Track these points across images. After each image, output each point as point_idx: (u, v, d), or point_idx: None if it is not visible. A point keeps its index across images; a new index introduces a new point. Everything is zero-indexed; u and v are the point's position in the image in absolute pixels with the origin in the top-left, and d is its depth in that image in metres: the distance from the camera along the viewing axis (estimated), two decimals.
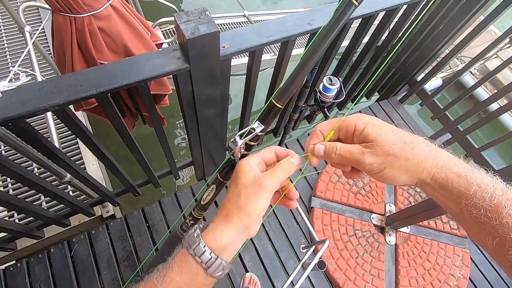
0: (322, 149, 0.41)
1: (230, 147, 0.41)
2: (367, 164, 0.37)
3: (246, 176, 0.40)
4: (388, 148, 0.36)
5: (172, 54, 0.90)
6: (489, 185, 0.33)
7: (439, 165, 0.36)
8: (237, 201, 0.39)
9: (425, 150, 0.36)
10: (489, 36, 4.34)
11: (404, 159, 0.36)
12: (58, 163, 1.04)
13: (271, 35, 0.99)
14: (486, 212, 0.32)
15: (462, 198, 0.34)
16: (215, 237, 0.39)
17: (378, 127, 0.38)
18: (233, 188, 0.40)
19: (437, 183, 0.36)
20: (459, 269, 1.67)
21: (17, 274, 1.41)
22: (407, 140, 0.37)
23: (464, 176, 0.34)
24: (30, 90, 0.74)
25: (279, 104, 0.41)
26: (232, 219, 0.39)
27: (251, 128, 0.42)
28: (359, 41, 1.37)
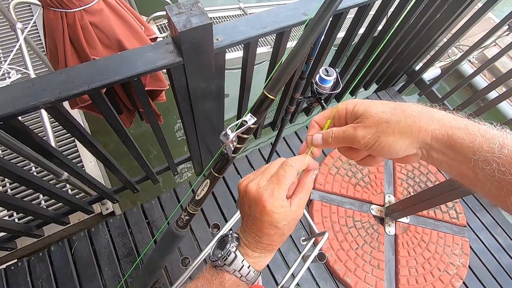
0: (320, 137, 0.41)
1: (221, 140, 0.40)
2: (361, 137, 0.36)
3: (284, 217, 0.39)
4: (378, 117, 0.35)
5: (165, 48, 0.88)
6: (495, 135, 0.30)
7: (435, 121, 0.33)
8: (282, 239, 0.42)
9: (416, 110, 0.35)
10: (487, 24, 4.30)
11: (396, 122, 0.34)
12: (54, 162, 1.04)
13: (265, 26, 0.97)
14: (498, 166, 0.29)
15: (470, 153, 0.31)
16: (263, 264, 0.44)
17: (366, 102, 0.38)
18: (274, 231, 0.40)
19: (439, 142, 0.33)
20: (458, 258, 1.68)
21: (18, 273, 1.41)
22: (396, 106, 0.36)
23: (464, 128, 0.32)
24: (21, 88, 0.73)
25: (271, 95, 0.40)
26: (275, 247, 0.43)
27: (243, 121, 0.41)
28: (355, 31, 1.35)
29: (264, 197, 0.38)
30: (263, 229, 0.40)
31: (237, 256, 0.41)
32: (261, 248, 0.42)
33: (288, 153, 1.96)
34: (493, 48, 4.23)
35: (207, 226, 1.65)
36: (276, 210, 0.38)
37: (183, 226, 0.54)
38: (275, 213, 0.38)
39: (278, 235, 0.41)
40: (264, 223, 0.39)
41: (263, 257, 0.43)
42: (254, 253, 0.42)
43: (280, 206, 0.38)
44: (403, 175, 1.92)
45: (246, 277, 0.42)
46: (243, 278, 0.42)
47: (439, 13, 1.64)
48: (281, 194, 0.38)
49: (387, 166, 1.95)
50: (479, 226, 1.84)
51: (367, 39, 1.49)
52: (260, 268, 0.43)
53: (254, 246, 0.42)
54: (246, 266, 0.41)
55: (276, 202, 0.38)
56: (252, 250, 0.42)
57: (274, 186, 0.38)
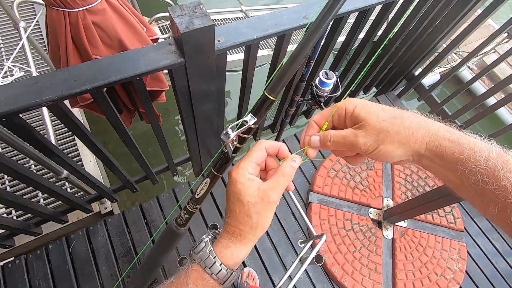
0: (318, 139, 0.42)
1: (222, 140, 0.41)
2: (361, 144, 0.37)
3: (249, 192, 0.39)
4: (379, 125, 0.37)
5: (167, 48, 0.89)
6: (483, 148, 0.33)
7: (431, 134, 0.36)
8: (248, 221, 0.39)
9: (414, 122, 0.36)
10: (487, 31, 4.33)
11: (396, 133, 0.36)
12: (54, 160, 1.04)
13: (267, 29, 0.98)
14: (483, 176, 0.32)
15: (458, 164, 0.33)
16: (231, 256, 0.40)
17: (367, 107, 0.39)
18: (239, 206, 0.39)
19: (431, 153, 0.36)
20: (455, 262, 1.69)
21: (16, 271, 1.41)
22: (396, 115, 0.37)
23: (456, 141, 0.34)
24: (24, 85, 0.73)
25: (271, 96, 0.41)
26: (246, 237, 0.40)
27: (243, 121, 0.42)
28: (355, 36, 1.36)
29: (233, 168, 0.41)
30: (230, 204, 0.40)
31: (205, 245, 0.41)
32: (228, 233, 0.41)
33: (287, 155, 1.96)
34: (493, 55, 4.26)
35: (205, 226, 1.66)
36: (239, 179, 0.39)
37: (183, 224, 0.54)
38: (238, 181, 0.39)
39: (243, 215, 0.39)
40: (231, 195, 0.40)
41: (231, 246, 0.40)
42: (223, 241, 0.41)
43: (245, 176, 0.39)
44: (402, 179, 1.93)
45: (211, 269, 0.39)
46: (208, 270, 0.39)
47: (439, 19, 1.66)
48: (246, 165, 0.40)
49: (385, 170, 1.96)
50: (476, 231, 1.84)
51: (367, 44, 1.50)
52: (229, 263, 0.40)
53: (224, 232, 0.41)
54: (212, 256, 0.40)
55: (240, 171, 0.39)
56: (222, 238, 0.41)
57: (241, 160, 0.41)
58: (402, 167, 1.98)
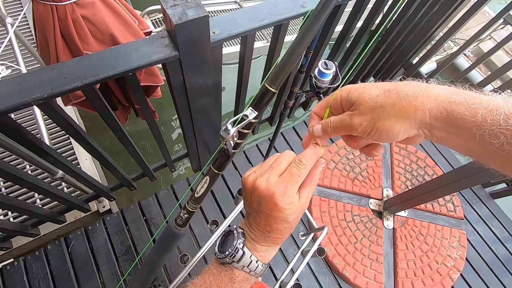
0: (320, 128, 0.40)
1: (221, 136, 0.39)
2: (358, 125, 0.35)
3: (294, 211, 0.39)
4: (372, 102, 0.34)
5: (160, 41, 0.86)
6: (499, 105, 0.27)
7: (432, 99, 0.31)
8: (290, 230, 0.42)
9: (411, 90, 0.32)
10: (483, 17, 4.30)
11: (391, 106, 0.33)
12: (48, 160, 1.01)
13: (262, 19, 0.95)
14: (507, 138, 0.27)
15: (474, 129, 0.28)
16: (270, 256, 0.44)
17: (359, 88, 0.36)
18: (284, 225, 0.40)
19: (438, 121, 0.31)
20: (456, 250, 1.70)
21: (15, 273, 1.40)
22: (390, 87, 0.34)
23: (464, 102, 0.29)
24: (11, 84, 0.70)
25: (272, 88, 0.39)
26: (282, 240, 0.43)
27: (243, 115, 0.40)
28: (353, 24, 1.33)
29: (276, 195, 0.37)
30: (273, 224, 0.40)
31: (245, 252, 0.41)
32: (270, 242, 0.43)
33: (286, 148, 1.95)
34: (488, 42, 4.24)
35: (205, 222, 1.64)
36: (287, 207, 0.38)
37: (182, 225, 0.53)
38: (287, 209, 0.38)
39: (288, 229, 0.41)
40: (275, 219, 0.39)
41: (271, 250, 0.44)
42: (262, 247, 0.43)
43: (291, 202, 0.38)
44: (401, 169, 1.93)
45: (254, 271, 0.42)
46: (252, 273, 0.42)
47: (436, 6, 1.63)
48: (293, 192, 0.38)
49: (385, 160, 1.95)
50: (476, 218, 1.85)
51: (365, 33, 1.47)
52: (267, 261, 0.44)
53: (262, 240, 0.42)
54: (254, 261, 0.42)
55: (288, 200, 0.38)
56: (260, 245, 0.42)
57: (286, 185, 0.38)
58: (401, 157, 1.97)
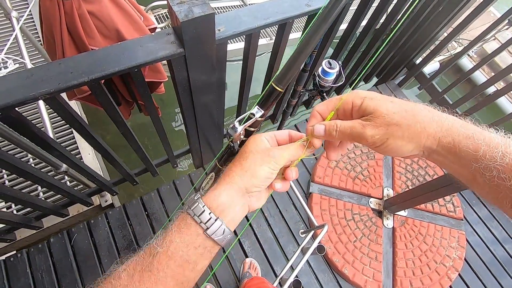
0: (322, 128, 0.40)
1: (229, 133, 0.39)
2: (369, 136, 0.36)
3: (256, 145, 0.41)
4: (389, 118, 0.35)
5: (166, 38, 0.86)
6: (499, 143, 0.31)
7: (444, 129, 0.34)
8: (242, 163, 0.40)
9: (427, 116, 0.34)
10: (487, 18, 4.28)
11: (407, 127, 0.34)
12: (53, 153, 1.02)
13: (267, 17, 0.96)
14: (499, 173, 0.30)
15: (472, 161, 0.32)
16: (214, 196, 0.38)
17: (376, 99, 0.37)
18: (241, 154, 0.41)
19: (444, 149, 0.34)
20: (454, 250, 1.71)
21: (18, 264, 1.41)
22: (408, 108, 0.35)
23: (471, 137, 0.32)
24: (18, 78, 0.71)
25: (279, 87, 0.40)
26: (233, 178, 0.39)
27: (250, 113, 0.41)
28: (357, 23, 1.33)
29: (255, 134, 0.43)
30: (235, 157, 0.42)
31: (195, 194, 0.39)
32: (220, 178, 0.40)
33: None
34: (492, 42, 4.22)
35: None
36: (255, 136, 0.42)
37: None
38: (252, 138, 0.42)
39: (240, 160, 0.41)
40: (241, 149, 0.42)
41: (217, 188, 0.39)
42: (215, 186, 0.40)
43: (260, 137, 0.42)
44: (402, 169, 1.93)
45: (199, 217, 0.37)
46: (190, 211, 0.37)
47: (441, 6, 1.62)
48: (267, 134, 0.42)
49: (386, 160, 1.96)
50: (475, 219, 1.86)
51: (369, 32, 1.47)
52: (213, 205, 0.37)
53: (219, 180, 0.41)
54: (195, 198, 0.38)
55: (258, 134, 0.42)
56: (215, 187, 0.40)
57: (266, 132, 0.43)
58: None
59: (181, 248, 0.36)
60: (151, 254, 0.36)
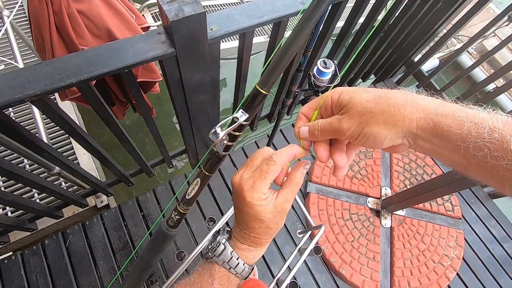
0: (306, 130, 0.40)
1: (210, 139, 0.38)
2: (346, 129, 0.35)
3: (266, 210, 0.39)
4: (361, 107, 0.34)
5: (157, 38, 0.85)
6: (485, 118, 0.28)
7: (420, 109, 0.32)
8: (268, 232, 0.42)
9: (400, 98, 0.33)
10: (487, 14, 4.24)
11: (380, 112, 0.33)
12: (43, 156, 1.01)
13: (261, 15, 0.94)
14: (490, 151, 0.27)
15: (458, 141, 0.29)
16: (253, 257, 0.44)
17: (350, 92, 0.36)
18: (258, 224, 0.40)
19: (425, 131, 0.31)
20: (453, 250, 1.70)
21: (12, 266, 1.40)
22: (381, 94, 0.34)
23: (451, 114, 0.30)
24: (4, 80, 0.69)
25: (263, 90, 0.38)
26: (266, 243, 0.44)
27: (234, 117, 0.39)
28: (354, 21, 1.31)
29: (244, 189, 0.39)
30: (248, 221, 0.41)
31: (226, 247, 0.42)
32: (249, 241, 0.43)
33: (285, 145, 1.94)
34: (492, 39, 4.19)
35: (203, 219, 1.64)
36: (256, 203, 0.38)
37: (174, 226, 0.52)
38: (255, 205, 0.39)
39: (264, 228, 0.41)
40: (247, 214, 0.40)
41: (253, 250, 0.43)
42: (242, 245, 0.43)
43: (261, 199, 0.39)
44: (400, 168, 1.92)
45: (235, 269, 0.42)
46: (233, 271, 0.42)
47: (440, 3, 1.60)
48: (262, 188, 0.39)
49: (384, 159, 1.94)
50: (473, 218, 1.85)
51: (366, 29, 1.45)
52: (250, 262, 0.43)
53: (242, 238, 0.43)
54: (235, 257, 0.42)
55: (255, 195, 0.38)
56: (240, 242, 0.43)
57: (255, 180, 0.39)
58: (401, 155, 1.97)
59: None
60: None
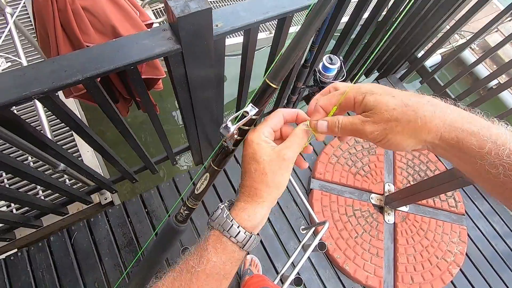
0: (325, 125, 0.40)
1: (221, 133, 0.38)
2: (368, 133, 0.35)
3: (265, 151, 0.39)
4: (388, 114, 0.34)
5: (162, 34, 0.85)
6: (507, 140, 0.30)
7: (447, 124, 0.32)
8: (263, 178, 0.39)
9: (429, 111, 0.33)
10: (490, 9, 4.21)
11: (406, 122, 0.33)
12: (49, 153, 1.01)
13: (266, 11, 0.93)
14: (505, 170, 0.29)
15: (476, 157, 0.31)
16: (248, 217, 0.40)
17: (377, 94, 0.36)
18: (254, 166, 0.39)
19: (447, 144, 0.33)
20: (456, 246, 1.70)
21: (18, 263, 1.41)
22: (409, 102, 0.34)
23: (477, 133, 0.31)
24: (11, 77, 0.69)
25: (273, 84, 0.38)
26: (262, 197, 0.40)
27: (244, 112, 0.39)
28: (359, 16, 1.30)
29: (249, 132, 0.41)
30: (245, 165, 0.41)
31: (222, 211, 0.40)
32: (244, 195, 0.41)
33: None
34: (495, 34, 4.16)
35: (207, 215, 1.65)
36: (254, 140, 0.40)
37: (183, 221, 0.52)
38: (253, 142, 0.40)
39: (259, 173, 0.39)
40: (246, 157, 0.40)
41: (247, 208, 0.40)
42: (239, 204, 0.41)
43: (260, 139, 0.40)
44: (403, 164, 1.92)
45: (229, 231, 0.39)
46: (226, 233, 0.39)
47: None
48: (262, 129, 0.40)
49: (387, 155, 1.94)
50: (477, 214, 1.85)
51: (371, 25, 1.44)
52: (247, 225, 0.40)
53: (240, 195, 0.41)
54: (229, 220, 0.39)
55: (255, 134, 0.40)
56: (237, 201, 0.41)
57: (260, 126, 0.41)
58: (404, 152, 1.96)
59: (218, 266, 0.39)
60: (189, 271, 0.38)
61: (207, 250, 0.39)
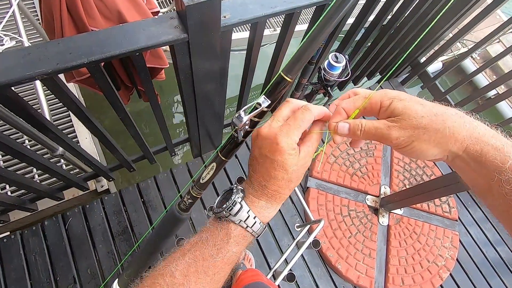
0: (347, 127, 0.39)
1: (234, 123, 0.38)
2: (394, 138, 0.35)
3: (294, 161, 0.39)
4: (416, 121, 0.34)
5: (169, 22, 0.84)
6: None
7: (474, 137, 0.33)
8: (289, 185, 0.41)
9: (458, 122, 0.34)
10: (493, 20, 4.23)
11: (434, 131, 0.34)
12: (49, 136, 1.00)
13: (275, 5, 0.93)
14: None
15: (496, 172, 0.32)
16: (269, 215, 0.43)
17: (405, 100, 0.36)
18: (282, 174, 0.39)
19: (469, 156, 0.34)
20: (447, 250, 1.72)
21: (11, 246, 1.41)
22: (438, 112, 0.34)
23: (501, 149, 0.32)
24: (15, 57, 0.69)
25: (288, 77, 0.38)
26: (284, 199, 0.43)
27: (257, 103, 0.39)
28: (365, 18, 1.31)
29: (279, 135, 0.38)
30: (271, 170, 0.39)
31: (242, 206, 0.41)
32: (267, 196, 0.41)
33: None
34: (496, 45, 4.19)
35: (203, 208, 1.65)
36: (288, 150, 0.38)
37: (186, 209, 0.52)
38: (287, 152, 0.38)
39: (286, 181, 0.40)
40: (274, 162, 0.38)
41: (269, 207, 0.42)
42: (260, 202, 0.42)
43: (293, 147, 0.38)
44: (400, 167, 1.93)
45: (252, 228, 0.41)
46: (249, 229, 0.42)
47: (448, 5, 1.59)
48: (295, 135, 0.38)
49: (384, 157, 1.95)
50: (470, 221, 1.88)
51: (376, 28, 1.44)
52: (265, 220, 0.43)
53: (260, 193, 0.41)
54: (252, 216, 0.41)
55: (290, 141, 0.38)
56: (258, 199, 0.42)
57: (289, 127, 0.38)
58: (401, 155, 1.98)
59: (236, 255, 0.42)
60: (205, 259, 0.40)
61: (228, 243, 0.41)
